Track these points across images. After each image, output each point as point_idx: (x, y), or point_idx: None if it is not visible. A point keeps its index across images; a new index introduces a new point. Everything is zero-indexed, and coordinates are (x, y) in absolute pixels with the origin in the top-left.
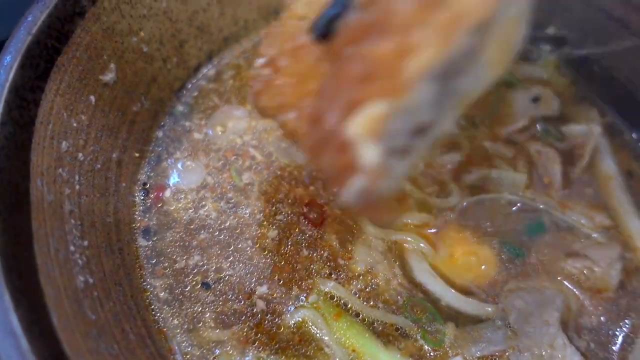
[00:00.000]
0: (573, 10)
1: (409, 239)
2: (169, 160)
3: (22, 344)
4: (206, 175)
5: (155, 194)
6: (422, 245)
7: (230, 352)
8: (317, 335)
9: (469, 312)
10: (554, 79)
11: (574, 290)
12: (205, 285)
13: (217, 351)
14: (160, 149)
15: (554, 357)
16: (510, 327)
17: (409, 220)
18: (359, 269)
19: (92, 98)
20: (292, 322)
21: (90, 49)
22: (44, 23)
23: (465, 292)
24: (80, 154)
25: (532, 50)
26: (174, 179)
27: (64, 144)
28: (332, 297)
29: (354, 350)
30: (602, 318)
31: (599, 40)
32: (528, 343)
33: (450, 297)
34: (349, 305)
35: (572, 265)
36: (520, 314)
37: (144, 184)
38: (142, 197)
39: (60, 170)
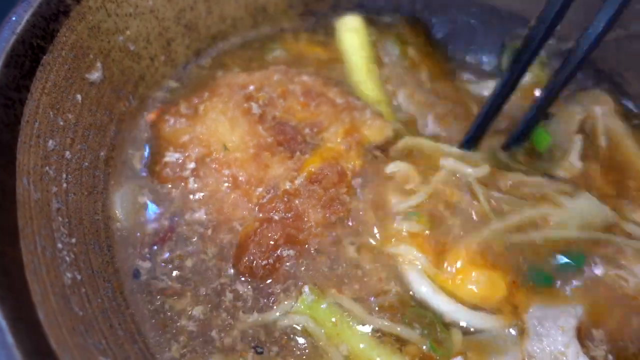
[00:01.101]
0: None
1: (407, 252)
2: None
3: (7, 340)
4: None
5: None
6: (421, 259)
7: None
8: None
9: (477, 326)
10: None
11: (603, 300)
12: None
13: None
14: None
15: None
16: (522, 329)
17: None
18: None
19: (79, 97)
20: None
21: (76, 47)
22: (29, 22)
23: (473, 308)
24: (67, 153)
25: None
26: None
27: (50, 143)
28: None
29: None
30: (625, 328)
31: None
32: (539, 347)
33: (454, 312)
34: (351, 315)
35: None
36: (534, 317)
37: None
38: None
39: (47, 168)
